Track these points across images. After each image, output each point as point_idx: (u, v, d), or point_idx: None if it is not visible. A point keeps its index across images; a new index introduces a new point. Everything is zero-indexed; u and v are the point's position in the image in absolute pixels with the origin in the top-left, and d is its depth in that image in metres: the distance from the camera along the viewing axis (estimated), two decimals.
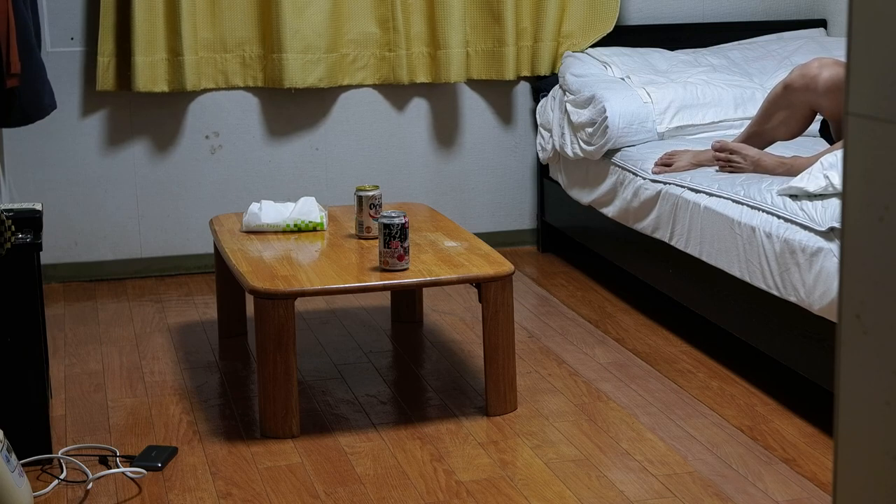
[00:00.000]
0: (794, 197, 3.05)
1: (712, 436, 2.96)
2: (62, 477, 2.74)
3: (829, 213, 2.89)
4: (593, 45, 4.65)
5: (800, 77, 3.44)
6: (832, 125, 3.50)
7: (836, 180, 2.95)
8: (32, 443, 2.76)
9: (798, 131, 3.57)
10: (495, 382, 3.10)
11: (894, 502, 1.15)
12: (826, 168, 2.99)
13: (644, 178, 3.78)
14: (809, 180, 3.00)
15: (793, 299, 2.96)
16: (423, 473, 2.77)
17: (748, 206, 3.21)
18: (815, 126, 3.62)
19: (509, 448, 2.91)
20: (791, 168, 3.35)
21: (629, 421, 3.06)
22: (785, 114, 3.51)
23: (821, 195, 2.97)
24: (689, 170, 3.65)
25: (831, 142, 3.52)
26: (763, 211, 3.13)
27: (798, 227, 2.97)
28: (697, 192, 3.47)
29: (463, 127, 4.75)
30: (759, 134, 3.60)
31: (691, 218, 3.46)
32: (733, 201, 3.28)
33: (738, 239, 3.21)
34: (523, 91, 4.78)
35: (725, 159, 3.53)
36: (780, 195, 3.10)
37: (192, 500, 2.66)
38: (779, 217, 3.06)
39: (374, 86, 4.62)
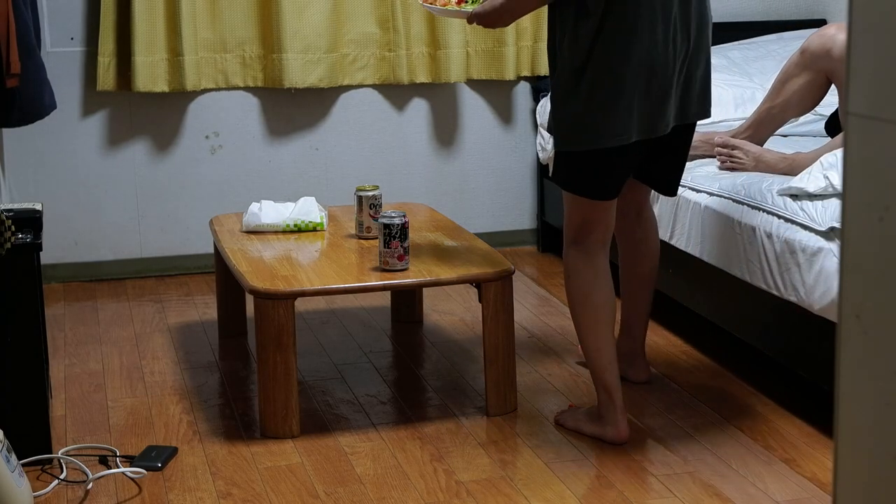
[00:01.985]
0: (794, 197, 3.04)
1: (712, 436, 2.96)
2: (62, 477, 2.74)
3: (829, 213, 2.89)
4: None
5: (817, 38, 3.37)
6: (841, 106, 3.46)
7: (836, 180, 2.94)
8: (32, 443, 2.76)
9: (811, 104, 3.47)
10: (495, 382, 3.10)
11: (894, 502, 1.15)
12: (826, 168, 2.98)
13: None
14: (809, 180, 3.00)
15: (793, 299, 2.96)
16: (423, 473, 2.77)
17: (749, 205, 3.20)
18: (820, 125, 3.61)
19: (509, 448, 2.91)
20: (793, 164, 3.33)
21: (629, 421, 3.06)
22: (799, 82, 3.42)
23: (821, 195, 2.97)
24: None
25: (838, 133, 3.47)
26: (763, 211, 3.13)
27: (798, 227, 2.97)
28: (698, 191, 3.47)
29: (463, 127, 4.74)
30: (770, 111, 3.51)
31: (692, 217, 3.45)
32: (734, 201, 3.28)
33: (738, 239, 3.21)
34: (523, 91, 4.78)
35: (728, 155, 3.52)
36: (780, 195, 3.10)
37: (192, 500, 2.66)
38: (779, 217, 3.05)
39: (374, 86, 4.61)
